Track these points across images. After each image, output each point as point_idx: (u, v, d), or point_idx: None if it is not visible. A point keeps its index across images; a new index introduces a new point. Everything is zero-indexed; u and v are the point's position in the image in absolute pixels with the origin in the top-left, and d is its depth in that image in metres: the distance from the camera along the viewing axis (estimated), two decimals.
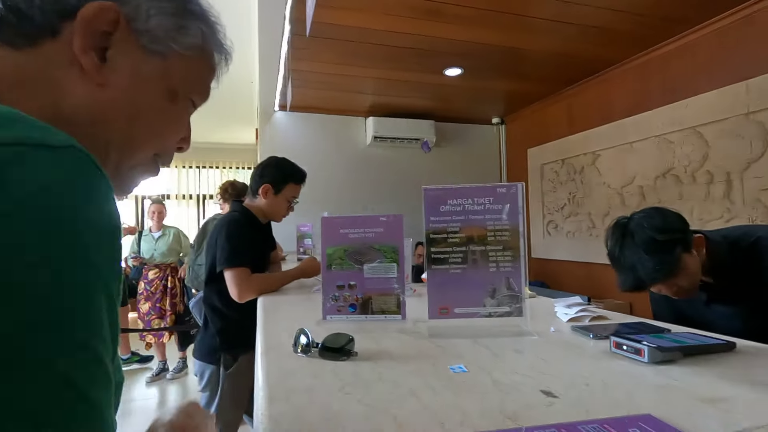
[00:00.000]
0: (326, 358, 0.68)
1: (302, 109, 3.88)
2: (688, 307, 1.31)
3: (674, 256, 1.09)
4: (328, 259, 1.02)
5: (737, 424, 0.46)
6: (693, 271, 1.13)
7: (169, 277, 3.55)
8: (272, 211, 1.72)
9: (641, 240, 1.11)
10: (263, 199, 1.68)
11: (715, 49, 2.46)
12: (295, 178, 1.73)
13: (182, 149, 0.50)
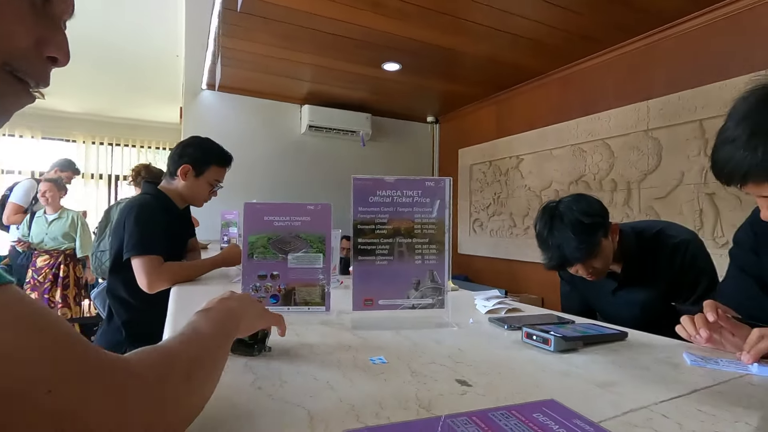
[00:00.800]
0: (238, 354, 0.64)
1: (233, 90, 3.66)
2: (596, 299, 1.44)
3: (596, 238, 1.20)
4: (250, 247, 0.96)
5: (625, 405, 0.50)
6: (607, 254, 1.25)
7: (62, 266, 3.14)
8: (192, 194, 1.60)
9: (569, 221, 1.20)
10: (182, 182, 1.56)
11: (625, 69, 2.74)
12: (219, 160, 1.62)
13: (56, 61, 0.40)
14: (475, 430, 0.43)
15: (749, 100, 0.67)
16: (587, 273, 1.27)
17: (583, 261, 1.23)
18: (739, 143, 0.65)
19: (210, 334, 0.47)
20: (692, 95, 2.34)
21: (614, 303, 1.37)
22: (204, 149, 1.59)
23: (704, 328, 0.74)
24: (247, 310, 0.59)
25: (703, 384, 0.58)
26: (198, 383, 0.41)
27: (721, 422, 0.46)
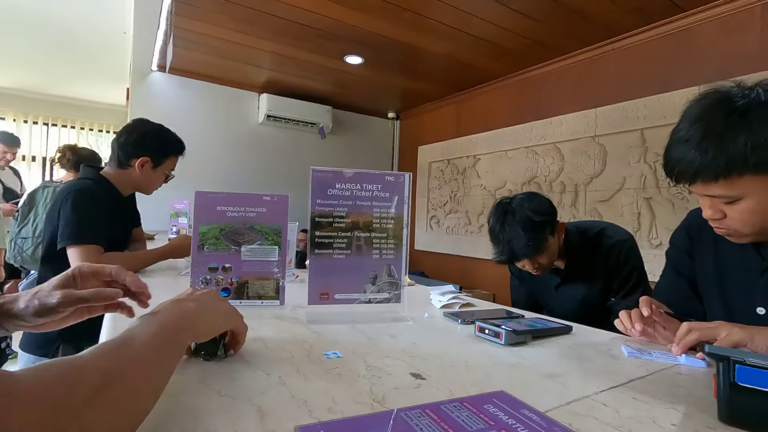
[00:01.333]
0: (200, 357, 0.60)
1: (186, 73, 3.48)
2: (541, 294, 1.52)
3: (544, 235, 1.27)
4: (200, 238, 0.92)
5: (569, 395, 0.53)
6: (553, 251, 1.33)
7: None
8: (147, 184, 1.52)
9: (520, 218, 1.27)
10: (137, 172, 1.47)
11: (577, 77, 2.87)
12: (175, 149, 1.54)
13: None
14: (428, 422, 0.43)
15: (703, 102, 0.71)
16: (533, 268, 1.33)
17: (530, 257, 1.29)
18: (691, 143, 0.69)
19: (145, 341, 0.43)
20: (635, 105, 2.50)
21: (557, 297, 1.45)
22: (163, 140, 1.51)
23: (639, 323, 0.80)
24: (207, 310, 0.54)
25: (638, 374, 0.62)
26: (116, 400, 0.36)
27: (654, 409, 0.50)
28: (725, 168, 0.66)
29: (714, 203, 0.73)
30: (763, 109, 0.65)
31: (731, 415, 0.46)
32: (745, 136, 0.64)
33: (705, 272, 0.90)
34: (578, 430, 0.43)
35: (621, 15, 2.32)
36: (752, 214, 0.70)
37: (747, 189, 0.68)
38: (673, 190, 2.30)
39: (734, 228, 0.74)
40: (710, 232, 0.89)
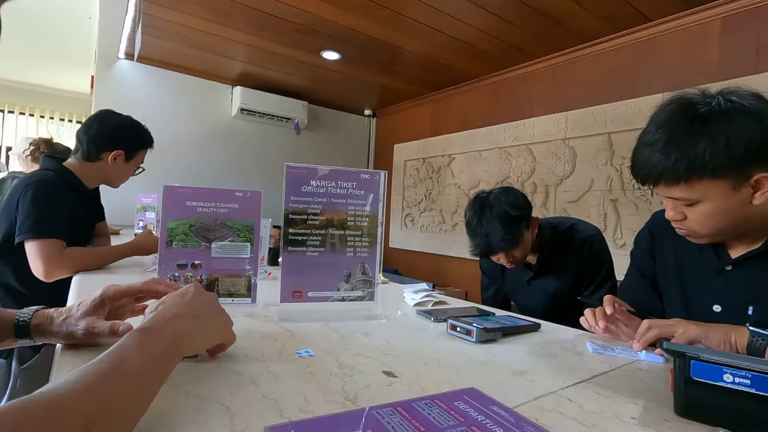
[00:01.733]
0: None
1: (155, 62, 3.36)
2: (512, 289, 1.56)
3: (520, 229, 1.31)
4: (168, 234, 0.89)
5: (537, 391, 0.54)
6: (527, 245, 1.37)
7: None
8: (116, 177, 1.49)
9: (497, 212, 1.30)
10: (108, 165, 1.42)
11: (549, 81, 2.95)
12: (146, 143, 1.52)
13: None
14: (399, 420, 0.43)
15: (669, 108, 0.74)
16: (508, 261, 1.37)
17: (506, 250, 1.32)
18: (656, 147, 0.72)
19: (134, 372, 0.39)
20: (603, 110, 2.59)
21: (529, 292, 1.49)
22: (137, 134, 1.49)
23: (602, 320, 0.83)
24: (204, 328, 0.52)
25: (601, 370, 0.65)
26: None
27: (616, 403, 0.52)
28: (686, 172, 0.69)
29: (676, 205, 0.77)
30: (723, 118, 0.68)
31: (686, 408, 0.49)
32: (705, 142, 0.68)
33: (666, 271, 0.94)
34: (545, 425, 0.45)
35: (592, 22, 2.39)
36: (709, 217, 0.73)
37: (705, 193, 0.71)
38: (638, 192, 2.40)
39: (693, 229, 0.77)
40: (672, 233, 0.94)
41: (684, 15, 2.24)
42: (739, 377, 0.45)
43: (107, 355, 0.39)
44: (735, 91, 0.72)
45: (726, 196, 0.71)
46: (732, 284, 0.80)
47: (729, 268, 0.80)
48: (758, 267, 0.77)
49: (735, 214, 0.73)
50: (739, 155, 0.67)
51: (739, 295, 0.78)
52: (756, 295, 0.76)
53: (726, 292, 0.80)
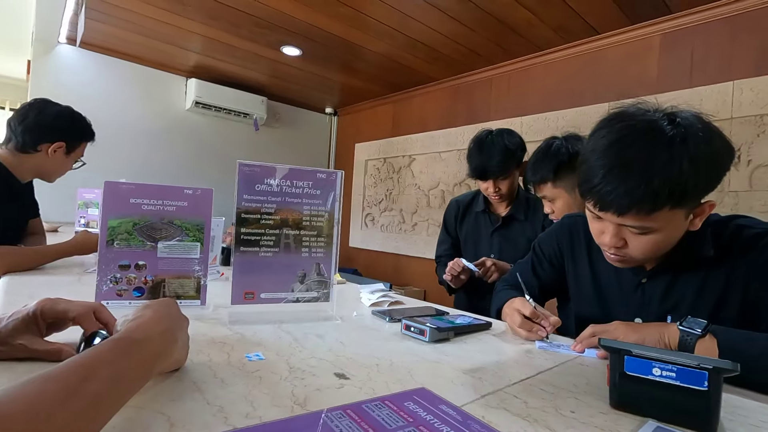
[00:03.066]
0: None
1: (100, 49, 3.16)
2: (474, 240, 1.69)
3: (513, 162, 1.51)
4: (109, 233, 0.83)
5: (484, 389, 0.56)
6: (513, 183, 1.56)
7: None
8: (53, 171, 1.40)
9: (498, 144, 1.50)
10: (47, 157, 1.32)
11: (505, 87, 3.05)
12: (88, 135, 1.44)
13: None
14: (348, 423, 0.43)
15: (628, 127, 0.71)
16: (494, 192, 1.53)
17: (497, 177, 1.50)
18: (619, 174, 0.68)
19: (88, 404, 0.33)
20: (556, 116, 2.71)
21: (492, 242, 1.63)
22: (79, 126, 1.40)
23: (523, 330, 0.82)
24: (183, 346, 0.54)
25: (546, 366, 0.67)
26: None
27: (558, 398, 0.54)
28: (667, 199, 0.66)
29: (620, 232, 0.73)
30: (689, 143, 0.66)
31: (620, 401, 0.52)
32: (683, 169, 0.65)
33: (582, 282, 0.97)
34: (490, 422, 0.46)
35: (545, 32, 2.50)
36: (655, 245, 0.73)
37: (664, 221, 0.69)
38: None
39: (631, 256, 0.75)
40: (585, 243, 0.96)
41: (628, 30, 2.38)
42: (666, 370, 0.49)
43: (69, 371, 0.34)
44: (681, 112, 0.71)
45: (679, 224, 0.72)
46: (649, 297, 0.84)
47: (645, 281, 0.85)
48: (670, 277, 0.82)
49: (673, 240, 0.75)
50: (703, 184, 0.68)
51: (657, 306, 0.83)
52: (671, 305, 0.82)
53: (644, 305, 0.85)
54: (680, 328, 0.71)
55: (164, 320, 0.49)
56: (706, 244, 0.78)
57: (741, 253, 0.76)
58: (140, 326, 0.46)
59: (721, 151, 0.69)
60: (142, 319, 0.47)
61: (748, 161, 1.97)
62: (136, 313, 0.49)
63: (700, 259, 0.79)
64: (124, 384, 0.37)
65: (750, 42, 2.01)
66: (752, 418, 0.52)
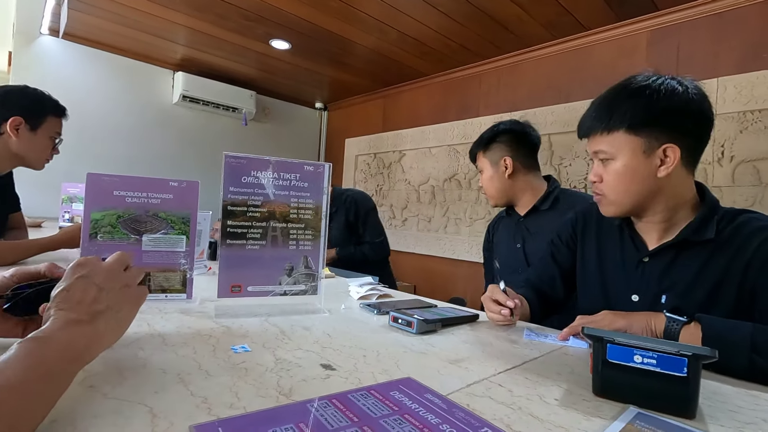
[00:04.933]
0: (13, 314, 0.54)
1: (85, 41, 3.09)
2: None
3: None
4: (92, 226, 0.82)
5: (470, 378, 0.56)
6: (490, 177, 1.51)
7: None
8: (31, 153, 1.32)
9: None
10: (12, 138, 1.26)
11: (495, 82, 3.06)
12: (54, 109, 1.35)
13: None
14: (333, 412, 0.43)
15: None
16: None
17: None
18: (593, 107, 0.87)
19: (19, 386, 0.35)
20: (544, 112, 2.73)
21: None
22: (33, 98, 1.32)
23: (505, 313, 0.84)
24: (108, 326, 0.47)
25: (531, 356, 0.68)
26: None
27: (541, 387, 0.55)
28: (610, 122, 0.81)
29: (598, 166, 0.87)
30: (655, 87, 0.79)
31: (603, 388, 0.53)
32: (631, 101, 0.80)
33: (588, 262, 1.01)
34: (475, 410, 0.46)
35: (535, 28, 2.51)
36: (619, 177, 0.83)
37: (620, 147, 0.82)
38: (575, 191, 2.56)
39: (605, 192, 0.86)
40: (595, 227, 1.01)
41: (616, 26, 2.40)
42: (647, 357, 0.50)
43: None
44: (683, 78, 0.82)
45: (636, 157, 0.81)
46: (648, 275, 0.87)
47: (646, 259, 0.88)
48: (671, 257, 0.85)
49: (642, 183, 0.82)
50: (655, 116, 0.78)
51: (654, 285, 0.85)
52: (668, 285, 0.84)
53: (643, 283, 0.87)
54: (667, 315, 0.72)
55: (77, 312, 0.45)
56: (710, 227, 0.81)
57: (744, 243, 0.78)
58: (48, 325, 0.43)
59: (692, 101, 0.79)
60: (52, 318, 0.44)
61: (731, 157, 2.01)
62: (66, 297, 0.46)
63: (703, 243, 0.81)
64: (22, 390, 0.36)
65: (734, 39, 2.04)
66: (729, 404, 0.53)
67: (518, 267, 1.43)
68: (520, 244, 1.48)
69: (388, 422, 0.41)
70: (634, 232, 0.91)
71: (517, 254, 1.47)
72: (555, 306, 1.09)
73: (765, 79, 1.93)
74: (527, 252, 1.45)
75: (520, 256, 1.44)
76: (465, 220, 3.15)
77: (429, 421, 0.42)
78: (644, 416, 0.48)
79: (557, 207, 1.46)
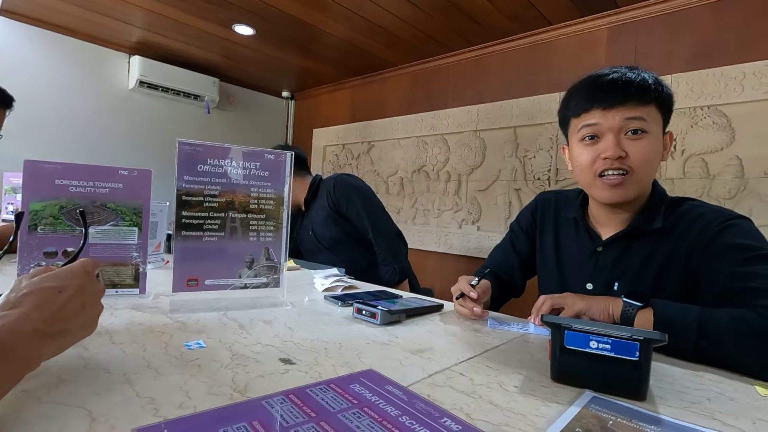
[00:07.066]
0: None
1: (27, 19, 2.87)
2: None
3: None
4: (32, 217, 0.76)
5: (432, 369, 0.56)
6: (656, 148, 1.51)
7: None
8: None
9: None
10: None
11: (462, 74, 3.07)
12: (1, 100, 1.27)
13: None
14: (289, 408, 0.42)
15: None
16: None
17: None
18: (624, 70, 0.84)
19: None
20: (510, 105, 2.77)
21: None
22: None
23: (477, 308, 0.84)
24: (66, 342, 0.44)
25: (493, 344, 0.69)
26: None
27: (502, 374, 0.55)
28: (654, 88, 0.79)
29: (620, 141, 0.80)
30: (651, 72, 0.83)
31: (560, 374, 0.54)
32: (657, 81, 0.81)
33: (546, 250, 1.04)
34: (435, 400, 0.46)
35: (500, 20, 2.53)
36: (651, 151, 0.80)
37: (653, 121, 0.80)
38: (537, 182, 2.62)
39: (634, 167, 0.80)
40: (553, 217, 1.03)
41: (578, 22, 2.46)
42: (602, 343, 0.51)
43: None
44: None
45: (660, 137, 0.82)
46: (601, 264, 0.90)
47: (600, 249, 0.90)
48: (622, 247, 0.88)
49: (655, 165, 0.83)
50: (670, 101, 0.82)
51: (607, 273, 0.88)
52: (620, 272, 0.87)
53: (596, 272, 0.90)
54: (624, 300, 0.75)
55: (45, 323, 0.41)
56: (658, 216, 0.84)
57: (686, 230, 0.82)
58: (9, 327, 0.38)
59: None
60: (14, 319, 0.39)
61: (682, 150, 2.11)
62: (10, 303, 0.41)
63: (651, 232, 0.85)
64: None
65: (686, 38, 2.14)
66: (677, 384, 0.56)
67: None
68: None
69: (346, 416, 0.40)
70: (588, 224, 0.94)
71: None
72: (513, 292, 1.11)
73: (714, 77, 2.04)
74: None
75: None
76: (433, 212, 3.17)
77: (389, 413, 0.41)
78: (599, 400, 0.49)
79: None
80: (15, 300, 0.42)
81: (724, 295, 0.72)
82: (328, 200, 1.85)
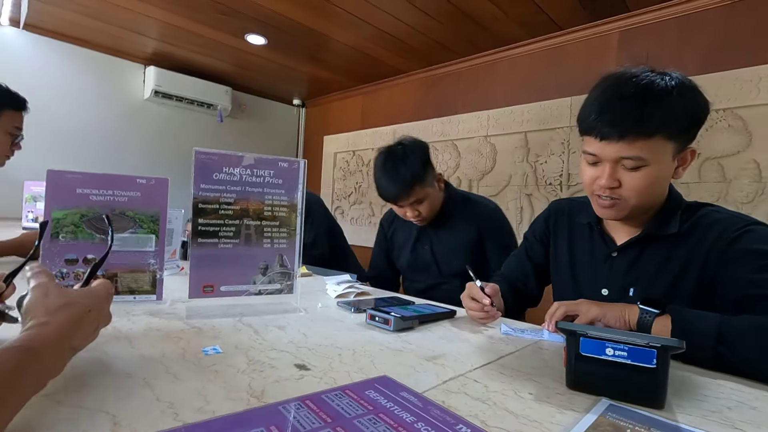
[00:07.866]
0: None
1: (49, 33, 2.96)
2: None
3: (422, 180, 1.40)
4: (54, 225, 0.78)
5: (446, 375, 0.56)
6: (433, 202, 1.47)
7: None
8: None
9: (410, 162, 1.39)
10: None
11: (472, 81, 3.08)
12: (13, 102, 1.30)
13: None
14: (306, 413, 0.42)
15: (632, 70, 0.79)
16: (413, 215, 1.46)
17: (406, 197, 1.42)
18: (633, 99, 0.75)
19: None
20: (521, 110, 2.76)
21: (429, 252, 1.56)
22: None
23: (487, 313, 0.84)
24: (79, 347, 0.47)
25: (507, 351, 0.68)
26: None
27: (517, 381, 0.55)
28: (659, 124, 0.72)
29: (615, 171, 0.77)
30: (681, 88, 0.74)
31: (576, 381, 0.53)
32: (677, 99, 0.73)
33: (560, 257, 1.03)
34: (450, 406, 0.46)
35: (510, 26, 2.53)
36: (648, 183, 0.77)
37: (657, 153, 0.75)
38: (549, 188, 2.60)
39: (625, 197, 0.79)
40: (567, 224, 1.03)
41: (589, 26, 2.45)
42: (618, 350, 0.50)
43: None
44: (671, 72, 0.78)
45: (667, 163, 0.77)
46: (616, 269, 0.89)
47: (614, 254, 0.90)
48: (636, 252, 0.87)
49: (663, 186, 0.81)
50: (689, 116, 0.75)
51: (622, 279, 0.87)
52: (635, 278, 0.86)
53: (611, 277, 0.89)
54: (640, 307, 0.74)
55: (72, 330, 0.45)
56: (673, 221, 0.83)
57: (702, 235, 0.80)
58: (39, 335, 0.41)
59: (700, 96, 0.77)
60: (43, 328, 0.42)
61: (698, 154, 2.08)
62: (46, 311, 0.44)
63: (667, 237, 0.83)
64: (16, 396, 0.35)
65: (699, 40, 2.12)
66: (696, 393, 0.55)
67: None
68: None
69: (362, 422, 0.41)
70: (603, 230, 0.93)
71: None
72: (529, 301, 1.11)
73: (728, 80, 2.01)
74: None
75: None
76: None
77: (404, 419, 0.42)
78: (616, 408, 0.49)
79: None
80: (51, 307, 0.45)
81: (742, 301, 0.71)
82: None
